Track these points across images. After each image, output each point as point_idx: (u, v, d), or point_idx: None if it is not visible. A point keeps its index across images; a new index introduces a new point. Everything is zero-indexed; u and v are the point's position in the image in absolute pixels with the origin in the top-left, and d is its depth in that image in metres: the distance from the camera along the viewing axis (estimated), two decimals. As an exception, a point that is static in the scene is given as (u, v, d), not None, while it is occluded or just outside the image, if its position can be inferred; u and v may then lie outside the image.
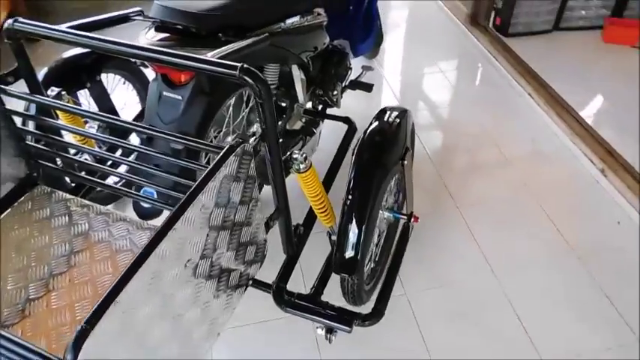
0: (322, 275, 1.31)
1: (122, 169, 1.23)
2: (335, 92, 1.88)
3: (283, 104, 1.67)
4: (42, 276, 1.05)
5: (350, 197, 1.15)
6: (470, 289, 1.61)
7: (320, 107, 1.88)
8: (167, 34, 1.16)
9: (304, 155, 1.10)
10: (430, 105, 2.44)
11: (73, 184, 1.33)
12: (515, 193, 1.94)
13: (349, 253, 1.14)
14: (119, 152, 1.31)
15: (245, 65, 0.86)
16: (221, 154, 0.82)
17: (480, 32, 2.73)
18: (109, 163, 1.20)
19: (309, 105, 1.84)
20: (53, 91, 1.31)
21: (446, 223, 1.83)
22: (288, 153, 1.16)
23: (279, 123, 1.62)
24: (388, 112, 1.31)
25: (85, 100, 1.63)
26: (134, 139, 1.57)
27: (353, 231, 1.14)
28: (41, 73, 1.42)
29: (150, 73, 1.47)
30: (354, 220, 1.14)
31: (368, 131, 1.24)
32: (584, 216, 1.85)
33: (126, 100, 1.80)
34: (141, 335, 0.70)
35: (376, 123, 1.27)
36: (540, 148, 2.13)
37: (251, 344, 1.49)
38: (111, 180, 1.33)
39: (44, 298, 1.00)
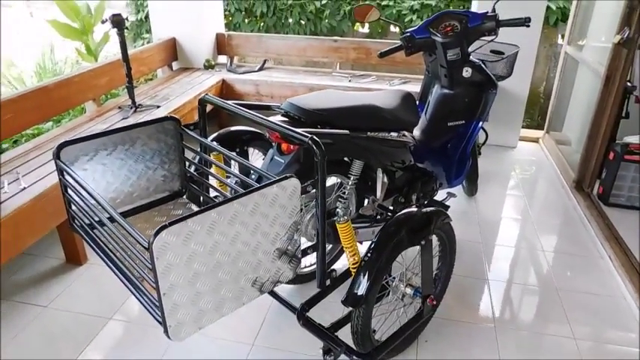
0: (341, 319, 1.66)
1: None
2: (414, 204, 2.31)
3: (365, 196, 2.14)
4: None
5: (369, 253, 1.54)
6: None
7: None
8: (286, 119, 1.79)
9: (344, 211, 1.55)
10: (510, 244, 2.65)
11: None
12: (561, 336, 2.02)
13: (357, 292, 1.50)
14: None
15: (314, 137, 1.40)
16: (277, 179, 1.34)
17: (582, 197, 2.92)
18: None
19: (391, 207, 2.28)
20: (213, 143, 2.02)
21: (477, 334, 2.00)
22: (330, 203, 1.60)
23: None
24: (426, 208, 1.70)
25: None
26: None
27: (364, 277, 1.51)
28: (212, 135, 2.17)
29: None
30: (367, 269, 1.52)
31: (402, 212, 1.65)
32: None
33: (260, 170, 2.47)
34: (192, 256, 1.19)
35: (412, 209, 1.67)
36: (602, 304, 2.19)
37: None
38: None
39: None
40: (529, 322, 2.09)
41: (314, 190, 1.55)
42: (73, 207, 1.60)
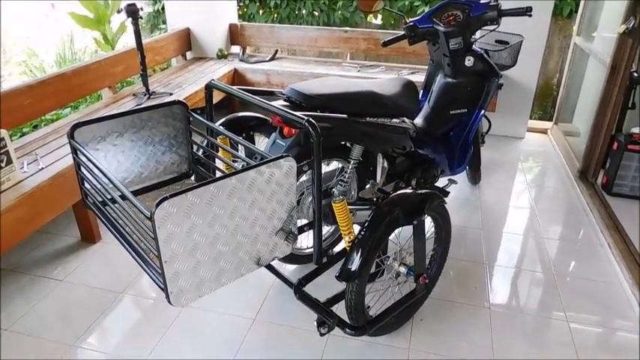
0: (336, 295, 1.74)
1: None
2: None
3: (366, 180, 2.21)
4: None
5: (363, 230, 1.62)
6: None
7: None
8: (287, 104, 1.87)
9: (340, 190, 1.63)
10: (511, 230, 2.70)
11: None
12: (555, 319, 2.07)
13: (350, 267, 1.58)
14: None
15: (310, 119, 1.47)
16: (274, 157, 1.42)
17: (586, 187, 2.94)
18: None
19: (391, 191, 2.34)
20: (220, 127, 2.11)
21: (472, 315, 2.07)
22: (331, 186, 1.67)
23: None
24: (421, 190, 1.76)
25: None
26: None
27: (358, 253, 1.59)
28: (220, 121, 2.26)
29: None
30: (361, 246, 1.59)
31: (396, 193, 1.71)
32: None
33: (266, 155, 2.56)
34: (192, 227, 1.28)
35: (406, 190, 1.74)
36: (599, 290, 2.23)
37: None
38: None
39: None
40: (524, 305, 2.14)
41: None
42: (86, 185, 1.71)
